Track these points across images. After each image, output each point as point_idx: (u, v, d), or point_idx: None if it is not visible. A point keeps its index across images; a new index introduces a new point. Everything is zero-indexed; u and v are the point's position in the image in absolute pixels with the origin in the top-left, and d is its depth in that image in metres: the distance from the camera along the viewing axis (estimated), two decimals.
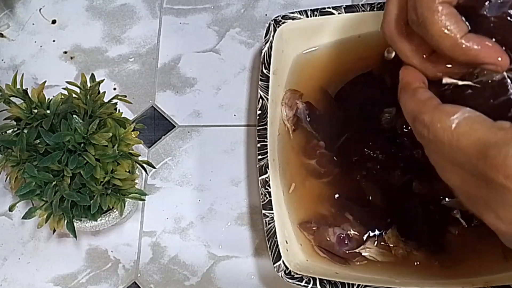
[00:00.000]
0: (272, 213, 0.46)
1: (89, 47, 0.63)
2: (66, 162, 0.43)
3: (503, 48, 0.32)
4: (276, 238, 0.45)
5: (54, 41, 0.63)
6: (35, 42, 0.64)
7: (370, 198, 0.49)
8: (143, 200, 0.50)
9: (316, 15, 0.53)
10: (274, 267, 0.45)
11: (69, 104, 0.45)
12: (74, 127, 0.43)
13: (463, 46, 0.32)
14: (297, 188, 0.51)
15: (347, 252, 0.48)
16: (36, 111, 0.45)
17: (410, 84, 0.35)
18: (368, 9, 0.52)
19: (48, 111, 0.45)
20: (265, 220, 0.46)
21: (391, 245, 0.48)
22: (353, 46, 0.55)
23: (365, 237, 0.48)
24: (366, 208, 0.49)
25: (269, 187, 0.47)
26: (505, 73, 0.33)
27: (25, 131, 0.44)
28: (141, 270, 0.53)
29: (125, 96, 0.48)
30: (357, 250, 0.47)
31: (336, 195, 0.50)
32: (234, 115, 0.58)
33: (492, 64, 0.32)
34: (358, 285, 0.43)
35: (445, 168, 0.33)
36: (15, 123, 0.45)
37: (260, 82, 0.51)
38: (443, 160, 0.32)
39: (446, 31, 0.32)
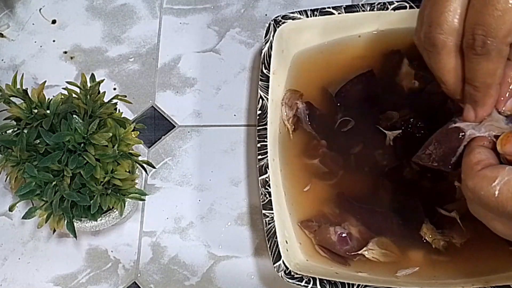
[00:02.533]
0: (272, 213, 0.46)
1: (89, 47, 0.63)
2: (66, 162, 0.43)
3: None
4: (276, 238, 0.45)
5: (54, 41, 0.63)
6: (35, 42, 0.64)
7: (378, 195, 0.50)
8: (143, 200, 0.50)
9: (316, 15, 0.53)
10: (274, 267, 0.45)
11: (69, 104, 0.45)
12: (74, 127, 0.43)
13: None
14: (300, 188, 0.51)
15: (347, 251, 0.48)
16: (36, 111, 0.45)
17: (473, 148, 0.36)
18: (368, 9, 0.53)
19: (48, 111, 0.45)
20: (265, 220, 0.46)
21: (429, 239, 0.47)
22: (353, 46, 0.55)
23: (368, 239, 0.48)
24: (368, 207, 0.49)
25: (269, 187, 0.47)
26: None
27: (25, 131, 0.44)
28: (141, 270, 0.53)
29: (125, 96, 0.48)
30: (359, 252, 0.47)
31: (340, 195, 0.50)
32: (234, 115, 0.58)
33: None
34: (358, 285, 0.43)
35: (490, 220, 0.34)
36: (15, 123, 0.45)
37: (260, 82, 0.51)
38: (488, 215, 0.34)
39: None
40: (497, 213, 0.32)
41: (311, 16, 0.53)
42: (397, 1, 0.52)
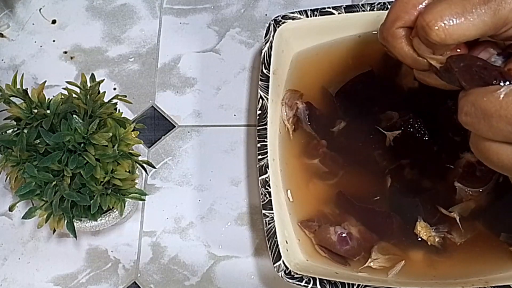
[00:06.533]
0: (272, 213, 0.46)
1: (89, 47, 0.63)
2: (66, 162, 0.43)
3: None
4: (276, 238, 0.45)
5: (54, 41, 0.63)
6: (35, 42, 0.64)
7: (377, 197, 0.50)
8: (143, 200, 0.50)
9: (316, 15, 0.53)
10: (274, 267, 0.45)
11: (69, 104, 0.45)
12: (74, 127, 0.43)
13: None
14: (300, 189, 0.51)
15: (348, 251, 0.48)
16: (36, 111, 0.45)
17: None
18: (368, 9, 0.53)
19: (48, 111, 0.45)
20: (265, 220, 0.46)
21: (424, 237, 0.47)
22: (353, 46, 0.55)
23: (368, 239, 0.48)
24: (369, 207, 0.49)
25: (269, 187, 0.47)
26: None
27: (25, 131, 0.44)
28: (141, 270, 0.53)
29: (125, 96, 0.48)
30: (365, 265, 0.47)
31: (340, 195, 0.50)
32: (234, 115, 0.58)
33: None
34: (358, 285, 0.43)
35: (495, 150, 0.33)
36: (15, 123, 0.45)
37: (260, 82, 0.51)
38: (493, 145, 0.33)
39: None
40: (500, 125, 0.31)
41: (311, 16, 0.53)
42: None
